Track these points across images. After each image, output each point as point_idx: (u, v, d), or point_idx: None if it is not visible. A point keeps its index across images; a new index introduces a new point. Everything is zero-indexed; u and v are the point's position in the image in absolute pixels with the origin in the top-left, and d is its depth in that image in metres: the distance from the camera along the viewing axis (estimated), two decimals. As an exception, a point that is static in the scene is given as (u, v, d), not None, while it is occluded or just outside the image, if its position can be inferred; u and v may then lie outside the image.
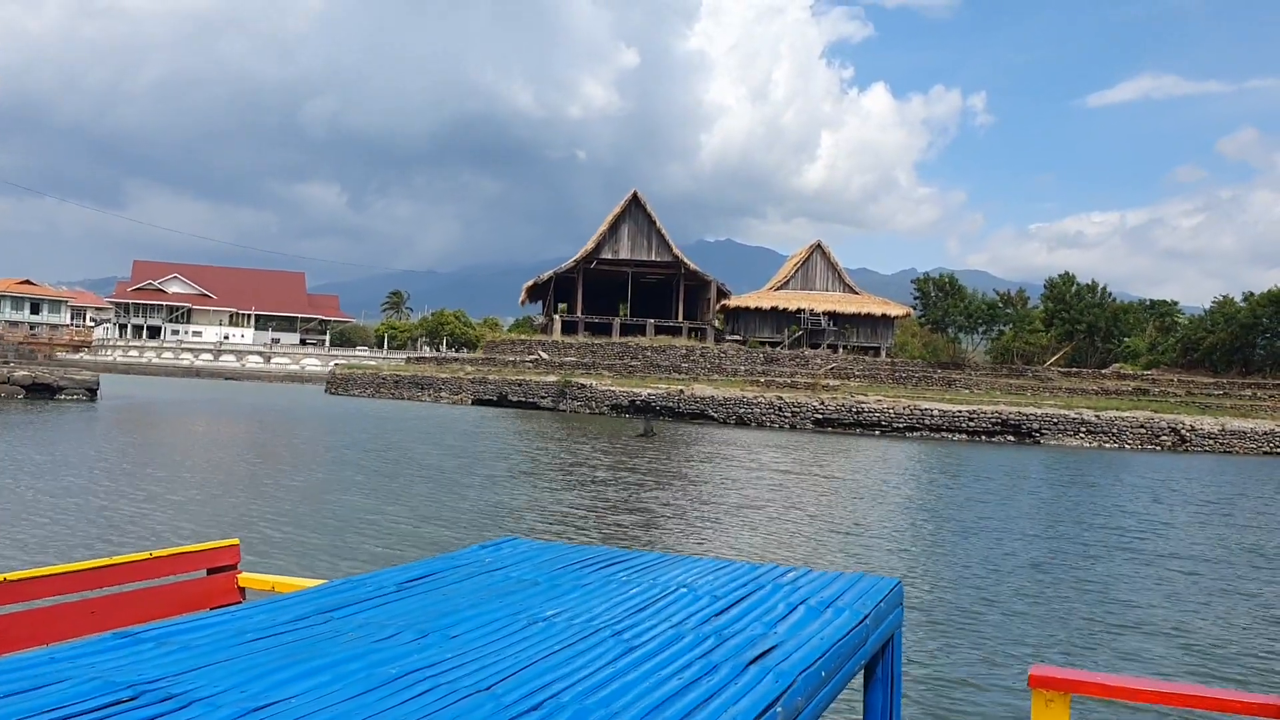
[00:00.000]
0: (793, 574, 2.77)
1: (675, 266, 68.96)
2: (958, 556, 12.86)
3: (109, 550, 9.77)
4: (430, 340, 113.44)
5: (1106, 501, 20.35)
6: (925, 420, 43.18)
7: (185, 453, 21.89)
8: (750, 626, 2.16)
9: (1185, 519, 17.81)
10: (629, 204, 68.74)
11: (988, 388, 54.28)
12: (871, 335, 77.53)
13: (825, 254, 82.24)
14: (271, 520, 13.04)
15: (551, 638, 2.00)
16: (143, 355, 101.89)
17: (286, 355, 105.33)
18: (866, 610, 2.33)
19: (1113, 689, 2.66)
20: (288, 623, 2.04)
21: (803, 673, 1.82)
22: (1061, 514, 17.92)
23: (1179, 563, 13.01)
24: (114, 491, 15.07)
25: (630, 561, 2.90)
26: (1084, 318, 68.84)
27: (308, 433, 30.32)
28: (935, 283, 72.93)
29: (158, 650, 1.82)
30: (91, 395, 35.50)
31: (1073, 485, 24.08)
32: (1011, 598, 10.38)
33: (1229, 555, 13.86)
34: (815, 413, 44.24)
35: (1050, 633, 8.98)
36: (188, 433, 27.74)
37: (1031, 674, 2.55)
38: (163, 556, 3.37)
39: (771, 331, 76.26)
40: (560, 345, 61.35)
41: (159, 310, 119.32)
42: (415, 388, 57.72)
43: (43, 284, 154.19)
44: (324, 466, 20.60)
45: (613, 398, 48.02)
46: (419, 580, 2.50)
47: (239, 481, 17.21)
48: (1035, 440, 41.83)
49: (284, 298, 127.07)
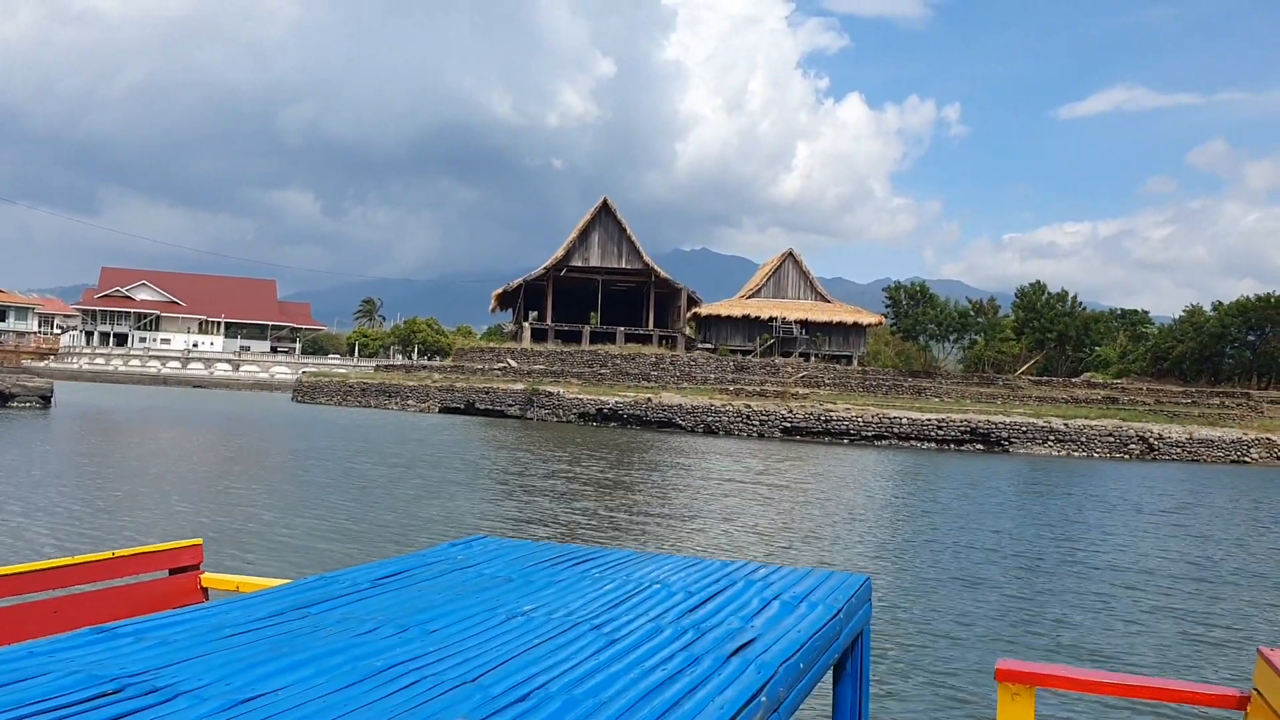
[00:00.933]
0: (764, 570, 2.80)
1: (646, 274, 68.57)
2: (907, 560, 12.47)
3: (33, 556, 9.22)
4: (403, 348, 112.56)
5: (1054, 511, 20.03)
6: (894, 429, 42.91)
7: (121, 460, 21.25)
8: (728, 620, 2.18)
9: (1130, 529, 17.48)
10: (599, 211, 68.31)
11: (958, 396, 54.09)
12: (844, 344, 77.40)
13: (797, 262, 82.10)
14: (183, 526, 12.50)
15: (531, 632, 2.01)
16: (109, 363, 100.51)
17: (255, 363, 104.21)
18: (839, 605, 2.36)
19: (1077, 682, 2.70)
20: (265, 618, 2.04)
21: (783, 664, 1.83)
22: (1001, 525, 17.57)
23: (1114, 574, 12.67)
24: (32, 499, 14.47)
25: (601, 558, 2.92)
26: (1054, 326, 68.94)
27: (255, 441, 29.69)
28: (906, 291, 72.82)
29: (136, 645, 1.82)
30: (45, 403, 34.72)
31: (1027, 494, 23.79)
32: (956, 600, 9.99)
33: (1166, 566, 13.51)
34: (784, 421, 43.90)
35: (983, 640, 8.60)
36: (131, 440, 27.07)
37: (997, 668, 2.58)
38: (125, 556, 3.35)
39: (743, 340, 75.98)
40: (529, 353, 60.80)
41: (126, 318, 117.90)
42: (383, 395, 57.07)
43: (11, 291, 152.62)
44: (253, 475, 20.01)
45: (580, 406, 47.53)
46: (393, 577, 2.51)
47: (160, 489, 16.60)
48: (1004, 449, 41.61)
49: (254, 305, 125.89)
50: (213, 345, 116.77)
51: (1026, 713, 2.57)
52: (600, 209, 68.33)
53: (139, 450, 24.24)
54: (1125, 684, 2.76)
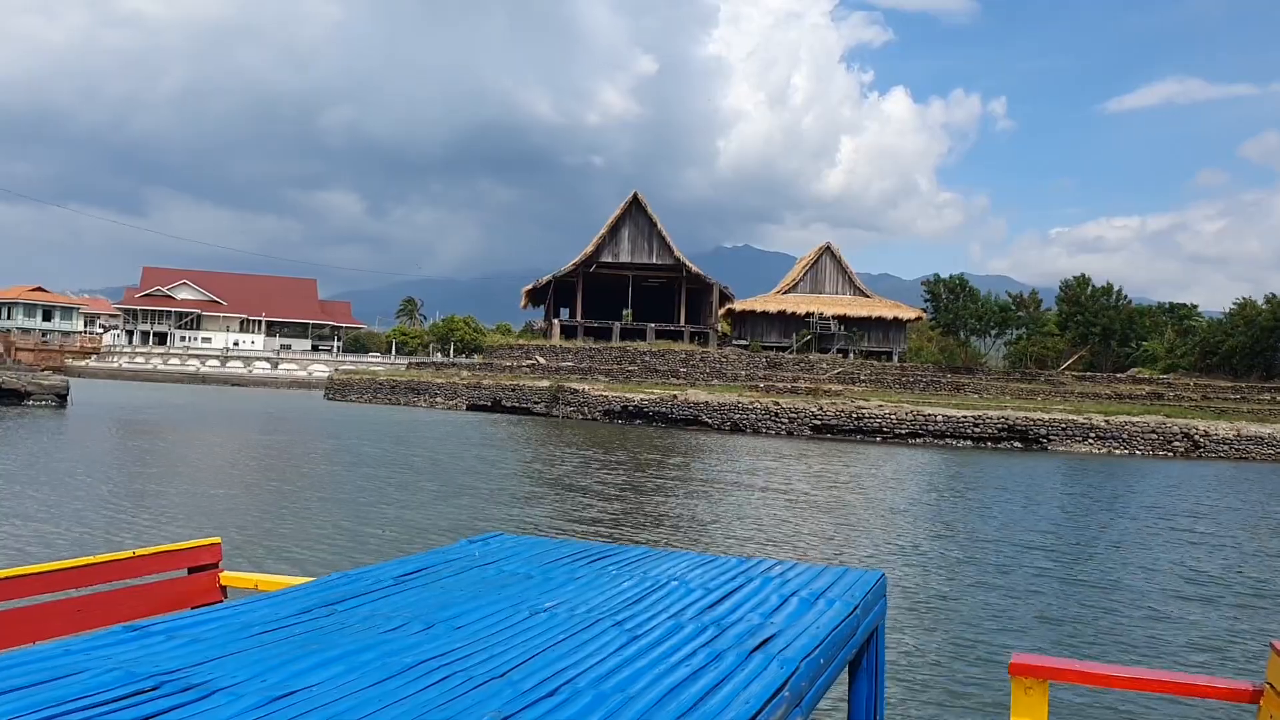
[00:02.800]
0: (780, 567, 2.82)
1: (677, 269, 67.46)
2: (920, 558, 11.48)
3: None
4: (441, 346, 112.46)
5: (1075, 510, 18.85)
6: (928, 426, 41.59)
7: (118, 459, 20.67)
8: (747, 616, 2.20)
9: (1134, 533, 16.27)
10: (629, 206, 67.30)
11: (998, 392, 52.60)
12: (883, 339, 75.88)
13: (835, 256, 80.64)
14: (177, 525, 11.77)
15: (554, 628, 2.03)
16: (149, 362, 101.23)
17: (294, 361, 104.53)
18: (856, 601, 2.38)
19: (1090, 676, 2.72)
20: (292, 616, 2.05)
21: (805, 659, 1.86)
22: (1019, 524, 16.45)
23: (1142, 574, 11.57)
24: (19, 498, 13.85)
25: (618, 555, 2.95)
26: (1099, 321, 66.87)
27: (262, 439, 29.14)
28: (946, 284, 71.07)
29: (169, 643, 1.84)
30: (61, 401, 34.41)
31: (1051, 493, 22.54)
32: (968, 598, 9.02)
33: (1157, 582, 12.36)
34: (813, 419, 42.71)
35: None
36: (137, 439, 26.57)
37: (1011, 662, 2.59)
38: (146, 555, 3.39)
39: (779, 336, 74.70)
40: (558, 350, 60.04)
41: (168, 317, 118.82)
42: (412, 393, 56.67)
43: (57, 291, 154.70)
44: (252, 475, 19.33)
45: (605, 403, 46.65)
46: (415, 574, 2.54)
47: (144, 490, 15.93)
48: (1042, 446, 40.17)
49: (295, 304, 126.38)
50: (254, 344, 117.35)
51: (1040, 706, 2.57)
52: (630, 204, 67.32)
53: (140, 448, 23.69)
54: (1138, 677, 2.72)
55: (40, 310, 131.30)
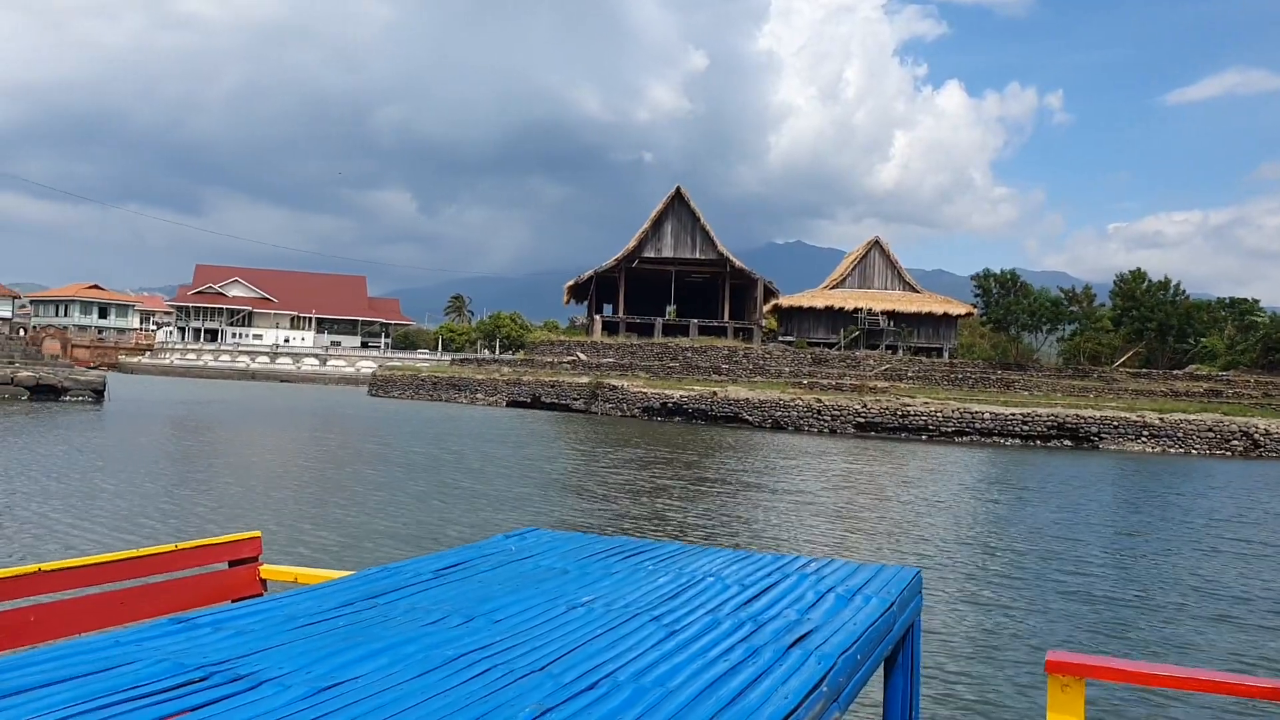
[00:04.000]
0: (816, 564, 2.82)
1: (721, 264, 66.58)
2: (964, 557, 10.74)
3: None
4: (487, 342, 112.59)
5: (1118, 513, 17.88)
6: (975, 424, 40.48)
7: (146, 456, 20.39)
8: (784, 612, 2.21)
9: (1186, 537, 15.31)
10: (672, 200, 66.51)
11: (1049, 390, 51.23)
12: (933, 336, 74.55)
13: (884, 251, 79.36)
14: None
15: (592, 622, 2.05)
16: (200, 358, 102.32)
17: (342, 358, 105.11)
18: (893, 597, 2.39)
19: (1127, 673, 2.70)
20: (336, 608, 2.08)
21: (842, 655, 1.87)
22: (1049, 523, 15.58)
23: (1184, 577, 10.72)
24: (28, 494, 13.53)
25: (653, 551, 2.97)
26: (1154, 316, 64.89)
27: (292, 436, 28.89)
28: (997, 279, 69.48)
29: (216, 634, 1.87)
30: (97, 397, 34.44)
31: (1092, 495, 21.53)
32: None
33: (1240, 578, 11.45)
34: (857, 416, 41.76)
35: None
36: (169, 436, 26.41)
37: (1048, 659, 2.56)
38: (187, 549, 3.42)
39: (827, 332, 73.61)
40: (599, 346, 59.50)
41: (219, 314, 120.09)
42: (453, 389, 56.53)
43: (117, 289, 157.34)
44: (271, 471, 18.95)
45: (644, 400, 46.02)
46: (453, 568, 2.56)
47: (159, 487, 15.56)
48: (1093, 445, 38.92)
49: (345, 301, 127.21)
50: (304, 341, 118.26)
51: (1076, 704, 2.53)
52: (673, 198, 66.55)
53: (163, 443, 23.47)
54: (1175, 676, 2.64)
55: (96, 308, 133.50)
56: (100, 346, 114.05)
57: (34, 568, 2.92)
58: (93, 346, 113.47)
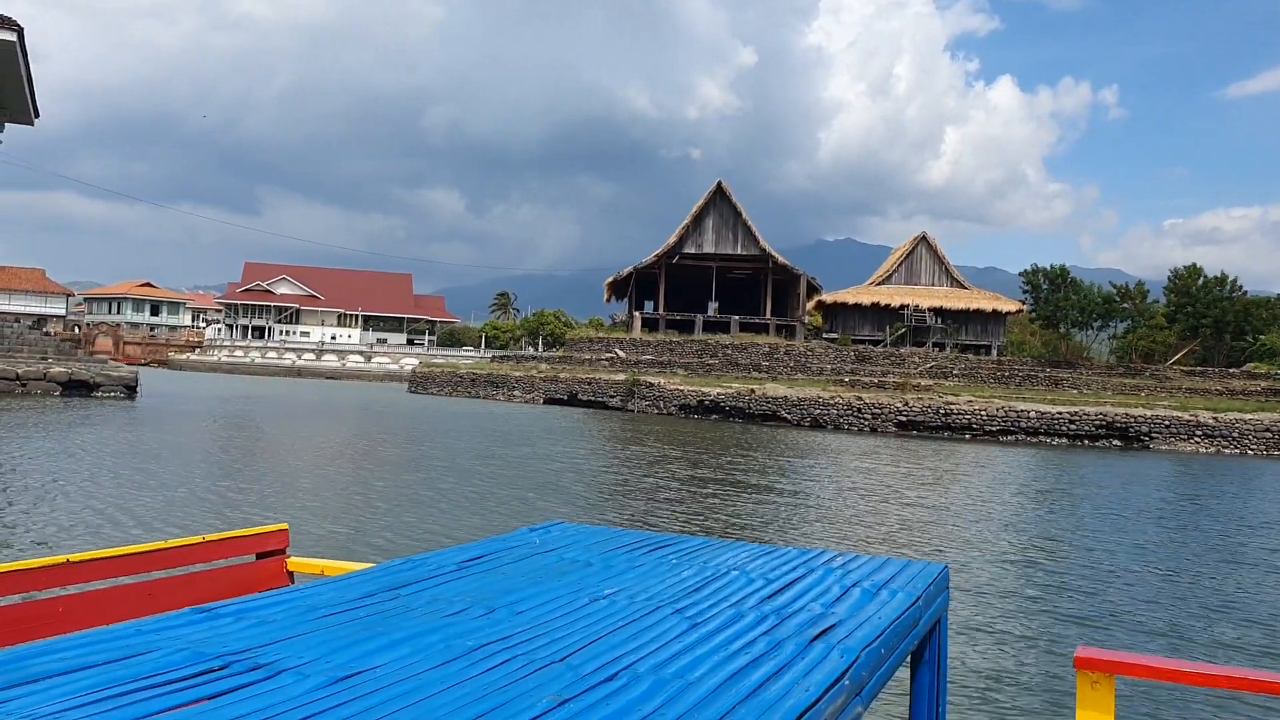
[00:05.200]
0: (842, 559, 2.81)
1: (763, 260, 65.59)
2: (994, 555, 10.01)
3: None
4: (531, 340, 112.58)
5: (1156, 507, 16.92)
6: (1020, 423, 39.30)
7: (169, 452, 20.09)
8: (808, 606, 2.19)
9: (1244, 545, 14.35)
10: (713, 195, 65.64)
11: (1099, 388, 49.83)
12: (981, 333, 73.15)
13: (931, 246, 78.01)
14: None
15: (614, 614, 2.04)
16: (247, 355, 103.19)
17: (387, 355, 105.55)
18: (918, 592, 2.37)
19: (1158, 670, 2.70)
20: (358, 599, 2.08)
21: (865, 649, 1.86)
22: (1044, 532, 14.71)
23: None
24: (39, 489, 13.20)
25: (678, 545, 2.94)
26: (1210, 313, 62.90)
27: (315, 433, 28.61)
28: (1047, 275, 67.81)
29: (237, 624, 1.88)
30: (130, 393, 34.34)
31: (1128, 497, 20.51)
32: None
33: None
34: (898, 415, 40.75)
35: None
36: (190, 431, 26.20)
37: (1077, 655, 2.54)
38: (215, 541, 3.42)
39: (872, 329, 72.47)
40: (638, 343, 58.85)
41: (267, 311, 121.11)
42: (491, 386, 56.27)
43: (172, 287, 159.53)
44: (281, 469, 18.55)
45: (680, 397, 45.31)
46: (477, 560, 2.55)
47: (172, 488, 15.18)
48: (1144, 445, 37.63)
49: (391, 299, 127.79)
50: (350, 338, 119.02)
51: (1106, 701, 2.51)
52: (714, 193, 65.69)
53: (182, 439, 23.17)
54: (1207, 673, 2.61)
55: (148, 305, 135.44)
56: (151, 344, 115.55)
57: (63, 559, 2.92)
58: (144, 343, 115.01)
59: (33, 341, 34.35)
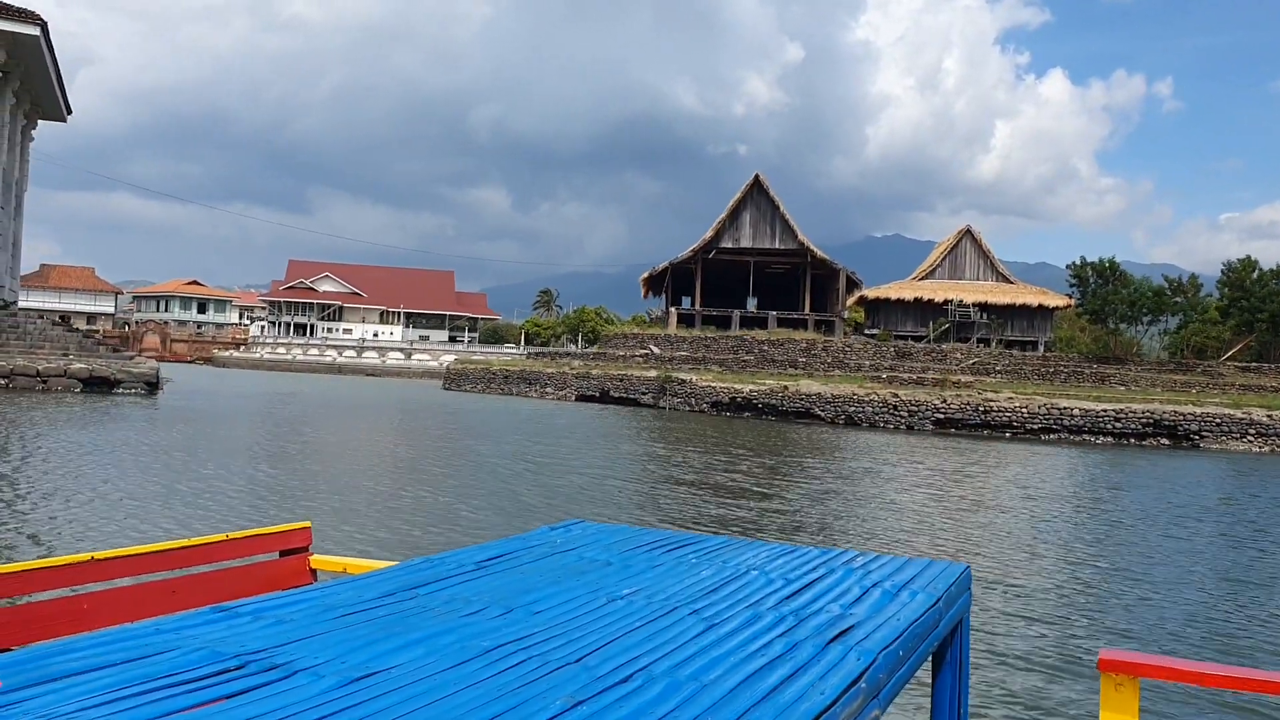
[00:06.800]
0: (862, 559, 2.79)
1: (801, 254, 64.31)
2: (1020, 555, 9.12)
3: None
4: (572, 337, 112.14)
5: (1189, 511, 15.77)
6: (1063, 421, 37.93)
7: (168, 453, 19.59)
8: (827, 607, 2.18)
9: None
10: (750, 189, 64.48)
11: (1148, 384, 48.22)
12: (1028, 328, 71.50)
13: (976, 240, 76.45)
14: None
15: (632, 615, 2.04)
16: (289, 352, 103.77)
17: (426, 352, 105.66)
18: (939, 593, 2.36)
19: (1183, 673, 2.65)
20: (375, 599, 2.09)
21: (883, 650, 1.85)
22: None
23: None
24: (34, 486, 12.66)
25: (698, 544, 2.93)
26: (1266, 307, 60.59)
27: (339, 430, 28.10)
28: (1094, 268, 65.87)
29: (255, 623, 1.89)
30: (150, 389, 34.00)
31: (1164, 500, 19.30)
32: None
33: None
34: (936, 412, 39.51)
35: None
36: (202, 428, 25.74)
37: (1101, 657, 2.54)
38: (238, 539, 3.44)
39: (915, 325, 71.11)
40: (672, 339, 57.92)
41: (310, 308, 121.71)
42: (524, 383, 55.70)
43: (222, 286, 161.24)
44: (288, 470, 17.95)
45: (713, 394, 44.35)
46: (496, 559, 2.55)
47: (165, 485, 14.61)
48: (1194, 444, 36.13)
49: (433, 296, 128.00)
50: (392, 335, 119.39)
51: (1131, 703, 2.50)
52: (751, 186, 64.54)
53: (188, 441, 22.68)
54: (1233, 676, 2.56)
55: (195, 303, 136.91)
56: (198, 341, 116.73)
57: (86, 556, 2.93)
58: (190, 341, 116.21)
59: (55, 338, 34.19)
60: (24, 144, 42.23)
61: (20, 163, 41.48)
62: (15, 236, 42.11)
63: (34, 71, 38.26)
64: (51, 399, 30.29)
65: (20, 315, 35.59)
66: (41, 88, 40.61)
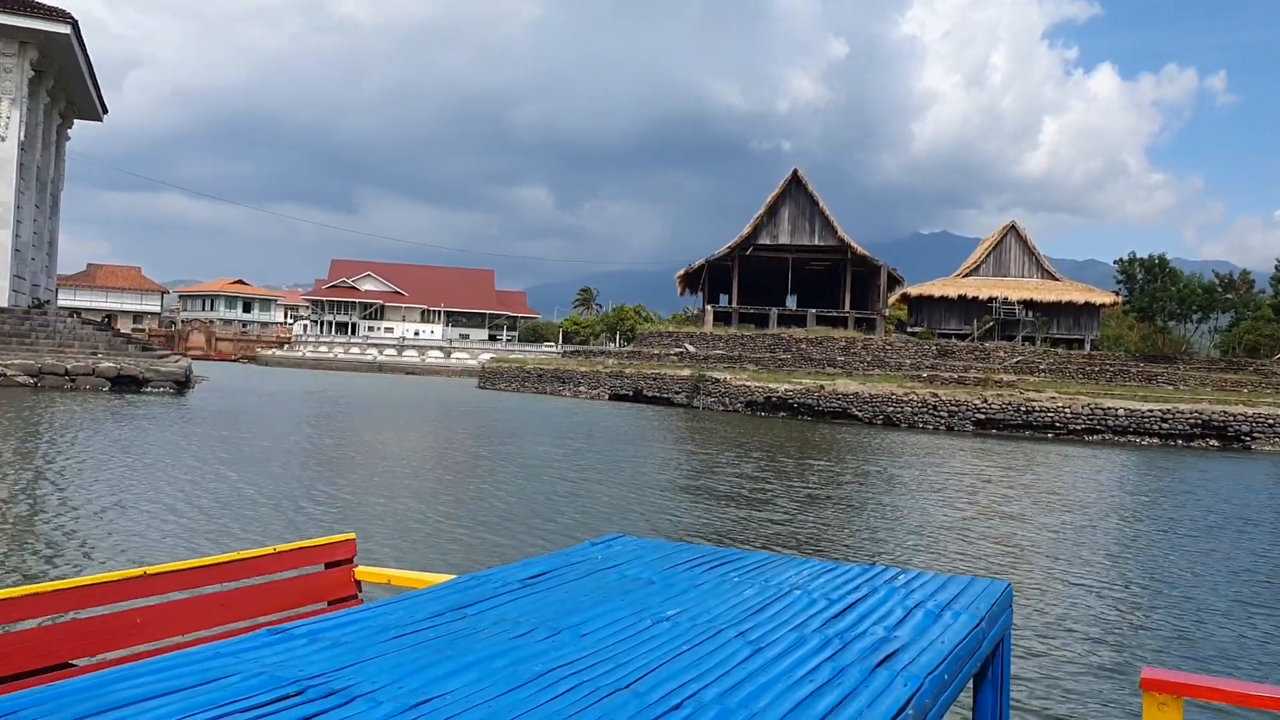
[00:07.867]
0: (904, 577, 2.77)
1: (841, 251, 63.27)
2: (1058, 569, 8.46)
3: None
4: (610, 335, 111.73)
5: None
6: (1107, 421, 36.81)
7: (198, 451, 19.30)
8: (871, 629, 2.18)
9: None
10: (789, 184, 63.55)
11: (1196, 384, 46.86)
12: (1074, 326, 70.02)
13: (1021, 237, 75.02)
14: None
15: (678, 637, 2.04)
16: (331, 351, 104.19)
17: (466, 350, 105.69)
18: (982, 613, 2.36)
19: (1227, 694, 2.60)
20: (426, 619, 2.11)
21: (929, 675, 1.84)
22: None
23: None
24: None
25: (739, 561, 2.93)
26: (1320, 303, 58.86)
27: (360, 430, 27.77)
28: (1142, 264, 64.26)
29: (311, 646, 1.90)
30: (179, 389, 33.89)
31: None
32: None
33: None
34: (976, 412, 38.51)
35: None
36: (235, 431, 25.49)
37: (1144, 676, 2.50)
38: (285, 551, 3.46)
39: (959, 322, 69.88)
40: (708, 337, 57.21)
41: (353, 307, 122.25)
42: (557, 381, 55.29)
43: (268, 285, 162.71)
44: (290, 472, 17.57)
45: (747, 394, 43.60)
46: (540, 577, 2.56)
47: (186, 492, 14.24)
48: (1244, 445, 34.91)
49: (473, 294, 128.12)
50: (433, 333, 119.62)
51: None
52: (790, 182, 63.60)
53: (193, 444, 22.39)
54: (1278, 697, 2.48)
55: (240, 302, 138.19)
56: (243, 340, 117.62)
57: (139, 571, 2.96)
58: (235, 340, 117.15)
59: (84, 336, 34.22)
60: (60, 143, 42.40)
61: (56, 162, 41.64)
62: (52, 235, 42.27)
63: (68, 70, 38.34)
64: (77, 398, 30.23)
65: (51, 314, 35.66)
66: (76, 87, 40.73)
